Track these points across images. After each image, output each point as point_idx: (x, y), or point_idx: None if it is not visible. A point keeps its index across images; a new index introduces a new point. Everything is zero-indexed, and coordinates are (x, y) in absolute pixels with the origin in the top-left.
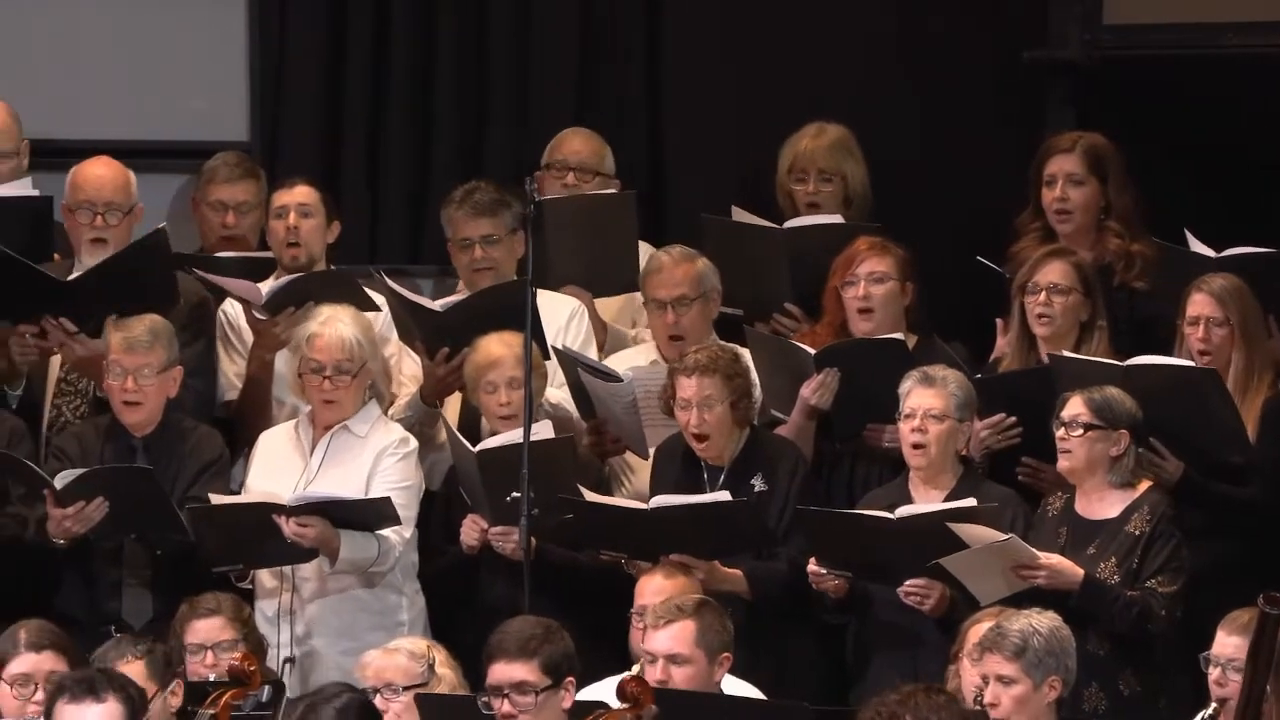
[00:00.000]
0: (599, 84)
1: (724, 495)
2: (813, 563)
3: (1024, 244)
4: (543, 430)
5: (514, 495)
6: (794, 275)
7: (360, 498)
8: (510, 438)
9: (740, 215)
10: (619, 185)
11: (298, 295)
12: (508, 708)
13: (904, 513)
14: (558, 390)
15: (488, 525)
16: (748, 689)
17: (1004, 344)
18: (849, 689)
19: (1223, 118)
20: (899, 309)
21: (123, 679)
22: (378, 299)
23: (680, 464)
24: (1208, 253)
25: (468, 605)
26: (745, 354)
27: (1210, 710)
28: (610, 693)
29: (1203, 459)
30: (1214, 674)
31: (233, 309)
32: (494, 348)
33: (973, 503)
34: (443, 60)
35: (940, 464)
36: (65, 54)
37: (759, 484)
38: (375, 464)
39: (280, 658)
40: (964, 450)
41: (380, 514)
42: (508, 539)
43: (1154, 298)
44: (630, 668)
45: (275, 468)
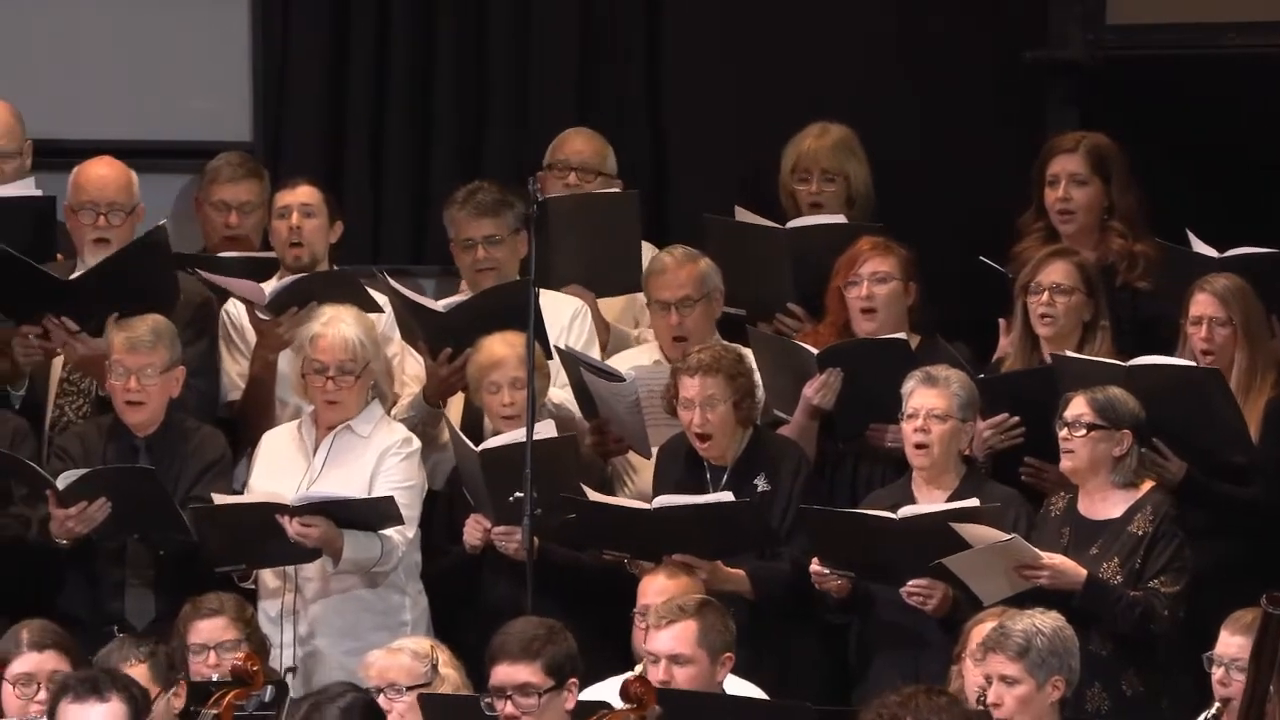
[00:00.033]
0: (599, 84)
1: (727, 495)
2: (815, 563)
3: (1027, 244)
4: (545, 430)
5: (517, 495)
6: (797, 275)
7: (363, 497)
8: (513, 437)
9: (743, 215)
10: (621, 185)
11: (300, 295)
12: (510, 709)
13: (907, 513)
14: (560, 390)
15: (491, 525)
16: (750, 689)
17: (1006, 344)
18: (851, 689)
19: (1224, 118)
20: (902, 309)
21: (126, 679)
22: (380, 299)
23: (683, 464)
24: (1211, 253)
25: (471, 605)
26: (748, 354)
27: (1213, 710)
28: (613, 693)
29: (1205, 459)
30: (1217, 674)
31: (235, 309)
32: (497, 348)
33: (975, 503)
34: (443, 61)
35: (943, 464)
36: (68, 54)
37: (762, 484)
38: (378, 464)
39: (283, 660)
40: (967, 450)
41: (383, 514)
42: (510, 539)
43: (1157, 298)
44: (633, 668)
45: (278, 468)
